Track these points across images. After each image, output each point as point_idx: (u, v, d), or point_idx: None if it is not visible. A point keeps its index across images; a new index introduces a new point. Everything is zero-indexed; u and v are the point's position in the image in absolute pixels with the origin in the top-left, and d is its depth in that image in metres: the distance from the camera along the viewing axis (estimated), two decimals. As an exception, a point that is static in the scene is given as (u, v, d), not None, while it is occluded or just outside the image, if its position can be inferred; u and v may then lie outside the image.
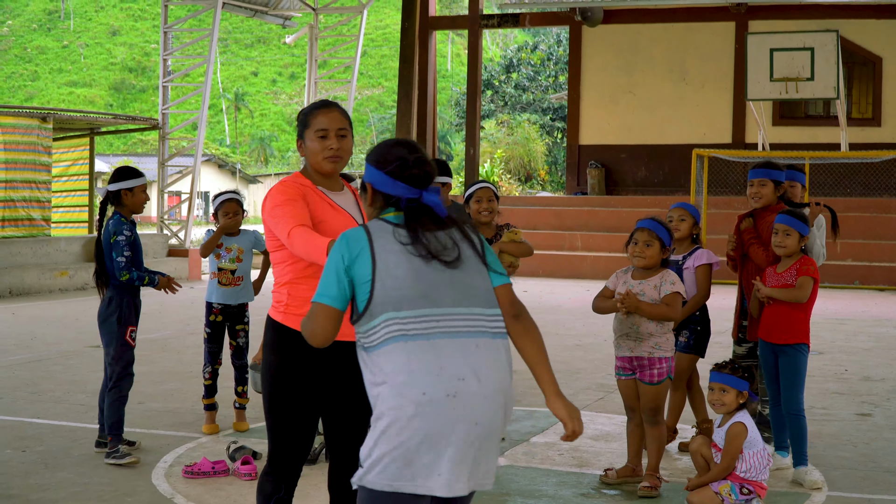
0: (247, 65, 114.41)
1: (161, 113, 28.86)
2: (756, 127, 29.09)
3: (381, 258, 4.47)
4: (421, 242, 4.52)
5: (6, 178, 24.87)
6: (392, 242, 4.52)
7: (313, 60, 33.13)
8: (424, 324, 4.40)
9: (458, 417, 4.32)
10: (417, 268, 4.47)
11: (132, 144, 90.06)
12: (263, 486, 5.63)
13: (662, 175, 31.55)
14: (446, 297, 4.47)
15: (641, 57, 32.03)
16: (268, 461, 5.61)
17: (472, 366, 4.40)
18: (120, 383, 8.75)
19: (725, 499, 7.27)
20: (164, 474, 8.25)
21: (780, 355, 8.20)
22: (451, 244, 4.59)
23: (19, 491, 7.80)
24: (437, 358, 4.36)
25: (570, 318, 18.43)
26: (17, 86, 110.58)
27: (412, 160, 4.70)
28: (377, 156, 4.77)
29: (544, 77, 61.32)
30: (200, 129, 28.73)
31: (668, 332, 7.82)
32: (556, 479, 8.20)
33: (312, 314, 4.55)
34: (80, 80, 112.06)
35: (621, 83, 32.28)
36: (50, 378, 12.34)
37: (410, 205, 4.65)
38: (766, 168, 8.90)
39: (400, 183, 4.66)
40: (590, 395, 11.48)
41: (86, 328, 16.92)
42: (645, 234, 7.85)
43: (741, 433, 7.31)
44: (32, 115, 26.94)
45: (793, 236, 8.15)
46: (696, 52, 31.40)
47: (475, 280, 4.58)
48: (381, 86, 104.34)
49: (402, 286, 4.44)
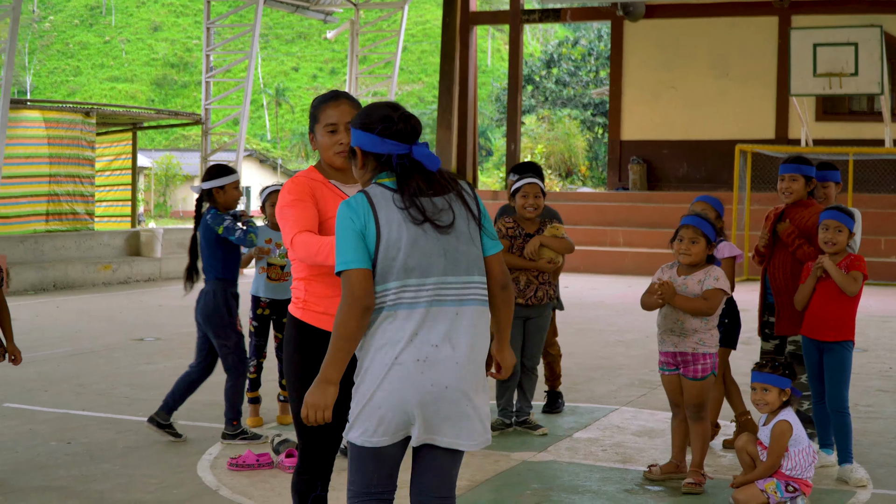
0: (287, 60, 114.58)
1: (204, 108, 28.95)
2: (799, 122, 28.95)
3: (384, 228, 4.66)
4: (416, 206, 4.67)
5: (50, 172, 25.04)
6: (393, 210, 4.68)
7: (354, 56, 33.16)
8: (412, 292, 4.67)
9: (427, 380, 4.64)
10: (413, 237, 4.66)
11: (174, 140, 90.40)
12: (298, 486, 5.61)
13: (705, 171, 31.41)
14: (437, 267, 4.70)
15: (684, 52, 31.90)
16: (299, 460, 5.59)
17: (449, 332, 4.68)
18: (240, 368, 9.03)
19: (771, 496, 7.24)
20: (209, 466, 8.30)
21: (825, 352, 8.16)
22: (447, 207, 4.75)
23: (65, 482, 7.86)
24: (415, 325, 4.66)
25: (611, 314, 18.40)
26: (59, 81, 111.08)
27: (397, 116, 4.79)
28: (362, 119, 4.86)
29: (585, 72, 61.15)
30: (243, 124, 28.82)
31: (712, 329, 7.80)
32: (599, 475, 8.20)
33: (345, 284, 4.66)
34: (122, 76, 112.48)
35: (663, 78, 32.16)
36: (94, 371, 12.42)
37: (402, 161, 4.74)
38: (797, 163, 8.84)
39: (388, 140, 4.76)
40: (632, 392, 11.46)
41: (129, 321, 17.02)
42: (690, 231, 7.82)
43: (786, 431, 7.28)
44: (76, 110, 27.09)
45: (844, 233, 8.09)
46: (739, 47, 31.22)
47: (466, 247, 4.77)
48: (420, 81, 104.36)
49: (398, 257, 4.66)
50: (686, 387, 7.83)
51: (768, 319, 8.98)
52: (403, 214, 4.67)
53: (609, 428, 9.75)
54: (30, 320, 16.94)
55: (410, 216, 4.66)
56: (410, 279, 4.66)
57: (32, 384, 11.49)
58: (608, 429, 9.72)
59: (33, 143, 24.83)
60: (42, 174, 24.96)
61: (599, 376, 12.37)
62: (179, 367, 12.31)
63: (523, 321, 9.38)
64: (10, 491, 7.59)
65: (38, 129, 24.99)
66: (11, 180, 23.72)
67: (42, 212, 25.00)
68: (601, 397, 11.17)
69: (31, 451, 8.72)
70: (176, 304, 19.36)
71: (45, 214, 25.05)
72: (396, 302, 4.67)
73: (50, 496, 7.51)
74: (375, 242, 4.66)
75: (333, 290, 5.38)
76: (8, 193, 23.48)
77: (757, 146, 26.61)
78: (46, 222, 25.03)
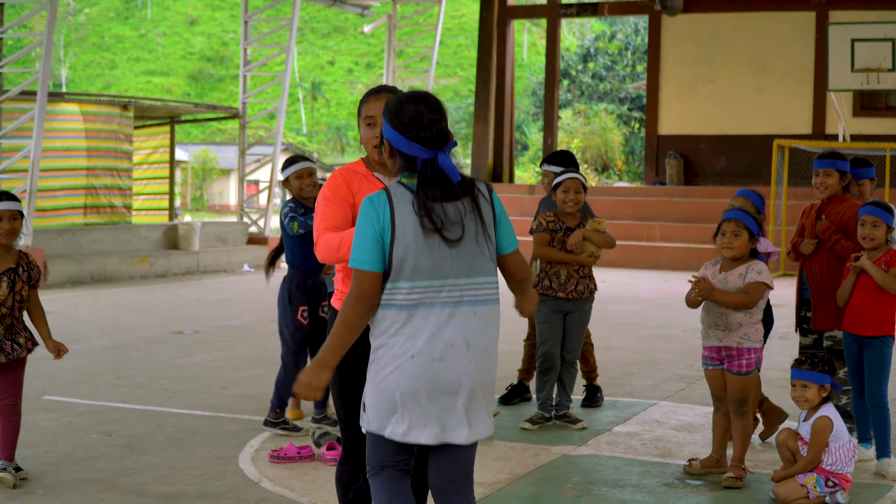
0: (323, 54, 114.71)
1: (241, 102, 29.01)
2: (836, 118, 28.81)
3: (399, 228, 4.76)
4: (429, 215, 4.76)
5: (88, 165, 25.15)
6: (410, 213, 4.77)
7: (391, 50, 33.16)
8: (430, 294, 4.79)
9: (444, 377, 4.78)
10: (427, 242, 4.76)
11: (210, 133, 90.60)
12: (342, 477, 5.66)
13: (742, 165, 31.28)
14: (451, 269, 4.81)
15: (721, 47, 31.77)
16: (343, 451, 5.66)
17: (464, 332, 4.82)
18: (288, 358, 9.20)
19: (811, 491, 7.22)
20: (250, 458, 8.32)
21: (865, 347, 8.13)
22: (458, 219, 4.82)
23: (105, 475, 7.89)
24: (432, 325, 4.79)
25: (648, 309, 18.37)
26: (94, 74, 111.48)
27: (426, 121, 4.85)
28: (392, 113, 4.93)
29: (622, 66, 61.07)
30: (280, 118, 28.87)
31: (756, 323, 7.78)
32: (639, 469, 8.19)
33: (355, 280, 4.82)
34: (158, 69, 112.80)
35: (701, 73, 32.04)
36: (133, 364, 12.46)
37: (424, 168, 4.81)
38: (831, 158, 8.82)
39: (415, 144, 4.83)
40: (671, 386, 11.44)
41: (167, 314, 17.08)
42: (732, 224, 7.78)
43: (827, 427, 7.26)
44: (114, 103, 27.23)
45: (881, 228, 8.07)
46: (777, 42, 31.08)
47: (478, 250, 4.87)
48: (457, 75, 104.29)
49: (413, 258, 4.77)
50: (730, 381, 7.80)
51: (805, 314, 8.96)
52: (418, 220, 4.77)
53: (648, 422, 9.74)
54: (68, 313, 17.02)
55: (423, 225, 4.76)
56: (425, 281, 4.79)
57: (71, 377, 11.55)
58: (647, 423, 9.71)
59: (71, 136, 24.95)
60: (80, 167, 25.07)
61: (638, 371, 12.35)
62: (218, 360, 12.39)
63: (563, 315, 9.38)
64: (50, 483, 7.63)
65: (75, 122, 25.11)
66: (49, 173, 23.82)
67: (80, 205, 25.11)
68: (640, 392, 11.15)
69: (71, 444, 8.76)
70: (214, 298, 19.45)
71: (82, 207, 25.16)
72: (415, 302, 4.79)
73: (90, 488, 7.54)
74: (391, 242, 4.78)
75: None
76: (46, 186, 23.57)
77: (794, 141, 26.50)
78: (84, 215, 25.15)
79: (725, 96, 31.68)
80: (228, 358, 12.25)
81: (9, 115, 22.21)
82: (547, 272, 9.37)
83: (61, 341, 8.08)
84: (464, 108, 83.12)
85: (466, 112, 78.86)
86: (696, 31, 32.14)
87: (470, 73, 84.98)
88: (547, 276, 9.36)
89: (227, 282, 23.26)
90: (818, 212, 8.90)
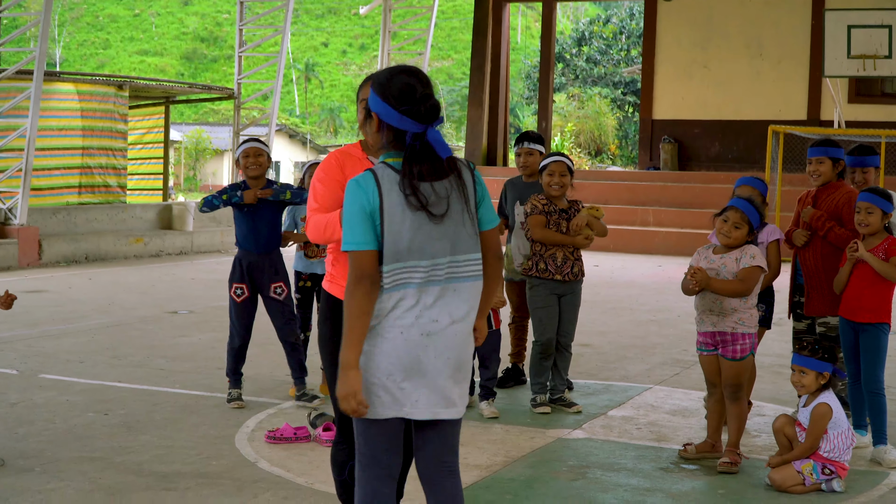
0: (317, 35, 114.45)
1: (236, 82, 28.98)
2: (832, 104, 28.80)
3: (388, 210, 4.76)
4: (415, 193, 4.76)
5: (83, 144, 25.13)
6: (397, 194, 4.76)
7: (387, 32, 33.09)
8: (418, 273, 4.79)
9: (431, 352, 4.81)
10: (415, 221, 4.77)
11: (203, 114, 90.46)
12: (336, 456, 5.75)
13: (737, 151, 31.29)
14: (437, 248, 4.81)
15: (717, 31, 31.76)
16: (337, 431, 5.74)
17: (449, 308, 4.85)
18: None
19: (807, 478, 7.26)
20: (247, 439, 8.35)
21: (861, 334, 8.17)
22: (444, 195, 4.83)
23: (103, 453, 7.91)
24: (420, 304, 4.81)
25: (643, 294, 18.39)
26: (88, 54, 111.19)
27: (419, 95, 4.83)
28: (383, 86, 4.89)
29: (616, 51, 61.02)
30: (275, 99, 28.84)
31: (751, 308, 7.80)
32: (634, 453, 8.22)
33: (352, 263, 4.79)
34: (152, 49, 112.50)
35: (696, 57, 32.03)
36: (129, 343, 12.48)
37: (413, 142, 4.80)
38: (824, 146, 8.88)
39: (406, 118, 4.80)
40: (666, 371, 11.47)
41: (162, 294, 17.10)
42: (738, 215, 7.76)
43: (826, 413, 7.30)
44: (109, 82, 27.19)
45: (875, 214, 8.10)
46: (773, 27, 31.07)
47: (462, 228, 4.88)
48: (450, 58, 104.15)
49: (401, 240, 4.76)
50: (724, 367, 7.83)
51: (799, 300, 9.01)
52: (404, 199, 4.76)
53: (643, 406, 9.77)
54: (63, 292, 17.03)
55: (409, 203, 4.76)
56: (413, 260, 4.78)
57: (68, 355, 11.56)
58: (642, 407, 9.74)
59: (66, 115, 24.92)
60: (75, 147, 25.05)
61: (633, 355, 12.38)
62: (214, 340, 12.41)
63: (558, 298, 9.40)
64: (48, 461, 7.65)
65: (71, 101, 25.09)
66: (45, 152, 23.79)
67: (75, 184, 25.09)
68: (635, 376, 11.19)
69: (68, 422, 8.78)
70: (208, 278, 19.46)
71: (77, 187, 25.14)
72: (403, 282, 4.79)
73: (88, 467, 7.56)
74: (381, 224, 4.77)
75: None
76: (41, 165, 23.54)
77: (789, 127, 26.49)
78: (79, 195, 25.13)
79: (720, 81, 31.67)
80: (223, 338, 12.21)
81: (4, 94, 22.16)
82: (542, 255, 9.35)
83: (56, 320, 8.09)
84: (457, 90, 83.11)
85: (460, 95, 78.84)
86: (691, 16, 32.13)
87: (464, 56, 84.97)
88: (542, 259, 9.34)
89: (221, 262, 23.23)
90: (814, 199, 8.93)
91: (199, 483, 7.23)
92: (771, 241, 8.72)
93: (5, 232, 20.95)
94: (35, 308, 14.75)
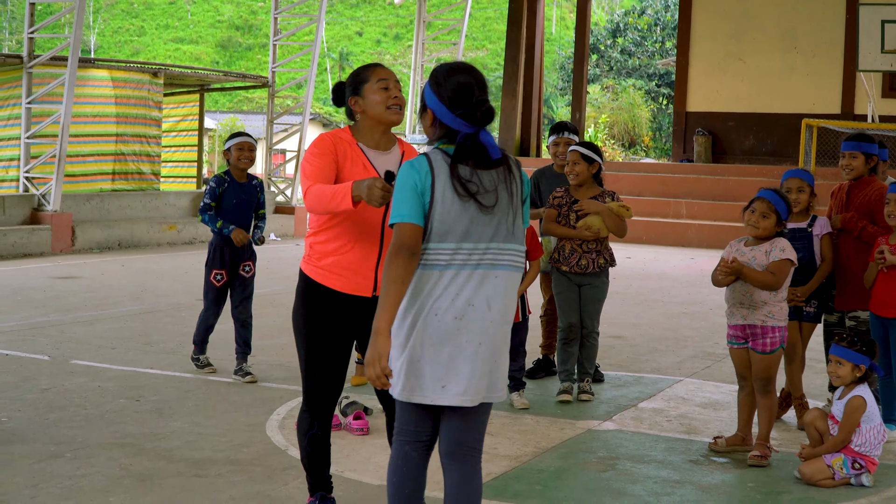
0: (352, 24, 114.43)
1: (270, 71, 29.01)
2: (865, 98, 28.68)
3: (438, 192, 4.86)
4: (466, 184, 4.87)
5: (117, 132, 25.19)
6: (447, 177, 4.86)
7: (421, 22, 33.08)
8: (460, 256, 4.89)
9: (463, 337, 4.88)
10: (462, 207, 4.85)
11: (237, 102, 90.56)
12: (301, 423, 6.11)
13: (771, 144, 31.20)
14: (483, 234, 4.91)
15: (752, 24, 31.64)
16: (303, 399, 6.03)
17: (486, 294, 4.92)
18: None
19: (837, 472, 7.24)
20: (277, 426, 8.37)
21: (891, 329, 8.14)
22: (493, 187, 4.93)
23: (134, 439, 7.94)
24: (458, 286, 4.89)
25: (675, 286, 18.34)
26: (123, 41, 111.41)
27: (475, 100, 4.92)
28: (439, 85, 5.00)
29: (651, 42, 60.87)
30: (309, 88, 28.85)
31: (781, 301, 7.78)
32: (664, 445, 8.21)
33: (396, 235, 4.89)
34: (187, 37, 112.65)
35: (731, 50, 31.93)
36: (161, 329, 12.52)
37: (465, 141, 4.90)
38: (857, 140, 8.83)
39: (459, 119, 4.90)
40: (697, 364, 11.45)
41: (195, 281, 17.09)
42: (764, 205, 7.77)
43: (860, 407, 7.27)
44: (144, 69, 27.25)
45: (905, 206, 8.08)
46: (807, 20, 30.94)
47: (510, 218, 4.97)
48: (485, 48, 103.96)
49: (448, 220, 4.88)
50: (754, 360, 7.82)
51: (831, 292, 8.95)
52: (454, 186, 4.86)
53: (674, 399, 9.76)
54: (96, 278, 17.10)
55: (458, 191, 4.86)
56: (456, 243, 4.88)
57: (100, 342, 11.61)
58: (673, 399, 9.73)
59: (101, 102, 24.98)
60: (109, 133, 25.11)
61: (664, 347, 12.36)
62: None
63: (578, 287, 9.46)
64: (79, 447, 7.68)
65: (105, 88, 25.14)
66: (79, 139, 23.86)
67: (108, 171, 25.15)
68: (666, 368, 11.17)
69: (99, 408, 8.82)
70: (240, 266, 19.47)
71: (111, 174, 25.20)
72: (444, 262, 4.90)
73: (119, 453, 7.59)
74: (430, 204, 4.87)
75: (336, 247, 5.84)
76: (75, 152, 23.61)
77: (823, 121, 26.38)
78: (112, 181, 25.18)
79: (755, 74, 31.57)
80: (256, 326, 12.25)
81: (39, 81, 22.24)
82: (557, 246, 9.51)
83: (88, 306, 8.13)
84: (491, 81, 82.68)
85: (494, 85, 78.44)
86: (726, 8, 32.04)
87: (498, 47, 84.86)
88: (557, 249, 9.52)
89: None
90: (846, 195, 8.89)
91: (229, 470, 7.25)
92: (824, 234, 8.69)
93: (39, 218, 21.06)
94: (68, 294, 14.82)
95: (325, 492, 6.19)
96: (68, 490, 6.74)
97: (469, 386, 4.90)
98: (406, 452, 5.12)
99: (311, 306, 5.92)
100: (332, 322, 5.90)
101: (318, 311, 5.91)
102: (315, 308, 5.91)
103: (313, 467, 6.13)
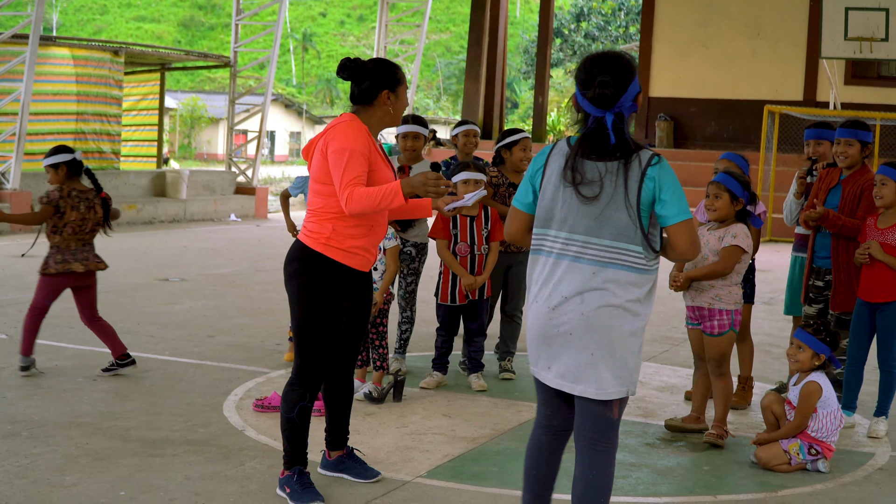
0: (315, 5, 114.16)
1: (232, 51, 28.90)
2: (828, 85, 28.82)
3: (547, 178, 5.02)
4: (572, 169, 4.93)
5: (78, 110, 25.07)
6: (558, 164, 4.99)
7: (384, 3, 33.01)
8: (560, 244, 4.97)
9: (555, 326, 4.96)
10: (565, 194, 4.96)
11: (199, 82, 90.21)
12: (289, 395, 6.23)
13: (733, 130, 31.31)
14: (579, 225, 4.92)
15: (716, 10, 31.73)
16: (294, 374, 6.17)
17: (580, 288, 4.91)
18: None
19: (793, 457, 7.28)
20: (234, 407, 8.35)
21: (878, 313, 8.12)
22: (598, 178, 4.90)
23: (91, 419, 7.91)
24: (554, 275, 4.98)
25: (634, 270, 18.34)
26: (85, 19, 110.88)
27: (596, 82, 4.95)
28: (577, 69, 5.17)
29: (615, 27, 60.99)
30: (271, 69, 28.77)
31: (731, 286, 7.82)
32: (621, 428, 8.15)
33: (509, 215, 5.27)
34: (149, 16, 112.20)
35: (695, 36, 32.01)
36: (119, 309, 12.45)
37: (591, 123, 4.97)
38: (854, 128, 8.64)
39: (585, 101, 4.99)
40: (655, 348, 11.49)
41: (154, 262, 17.09)
42: (713, 187, 7.91)
43: (816, 391, 7.31)
44: (105, 48, 27.12)
45: (889, 185, 8.04)
46: (772, 7, 31.03)
47: (615, 214, 4.89)
48: (448, 31, 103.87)
49: (544, 206, 5.04)
50: (705, 342, 7.89)
51: (814, 283, 8.89)
52: (561, 171, 4.96)
53: (631, 383, 9.77)
54: (55, 257, 16.98)
55: (564, 176, 4.94)
56: (553, 230, 5.00)
57: (58, 320, 11.52)
58: (630, 383, 9.74)
59: (61, 80, 24.87)
60: (69, 112, 25.00)
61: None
62: (205, 308, 12.42)
63: (505, 269, 9.64)
64: (35, 426, 7.65)
65: (66, 66, 25.03)
66: (39, 117, 23.74)
67: (68, 150, 25.01)
68: (624, 352, 11.17)
69: (57, 388, 8.78)
70: (201, 246, 19.46)
71: (71, 152, 25.06)
72: (545, 249, 5.04)
73: (76, 432, 7.55)
74: (538, 188, 5.09)
75: (360, 232, 6.13)
76: (35, 130, 23.48)
77: (785, 107, 26.51)
78: (72, 160, 25.04)
79: (718, 60, 31.67)
80: (215, 306, 12.26)
81: (0, 58, 22.12)
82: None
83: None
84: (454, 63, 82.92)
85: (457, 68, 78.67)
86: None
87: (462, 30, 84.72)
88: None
89: (214, 230, 23.26)
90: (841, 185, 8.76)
91: (186, 450, 7.23)
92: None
93: (-2, 196, 20.95)
94: (26, 273, 14.72)
95: (302, 466, 6.28)
96: (24, 468, 6.70)
97: (566, 372, 4.98)
98: (537, 436, 5.35)
99: (327, 285, 6.09)
100: (341, 298, 6.13)
101: (332, 289, 6.11)
102: (330, 286, 6.10)
103: (295, 440, 6.25)
